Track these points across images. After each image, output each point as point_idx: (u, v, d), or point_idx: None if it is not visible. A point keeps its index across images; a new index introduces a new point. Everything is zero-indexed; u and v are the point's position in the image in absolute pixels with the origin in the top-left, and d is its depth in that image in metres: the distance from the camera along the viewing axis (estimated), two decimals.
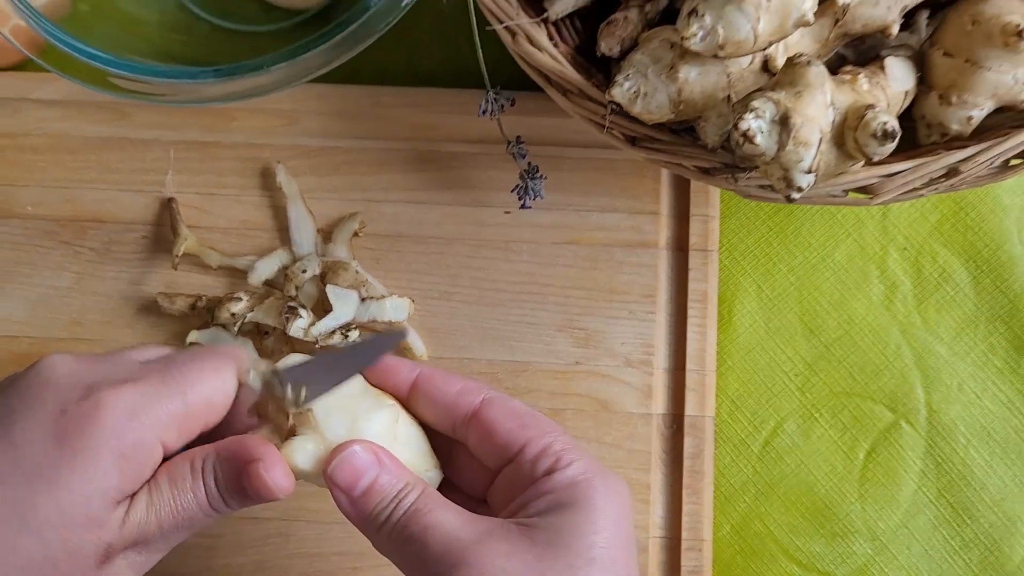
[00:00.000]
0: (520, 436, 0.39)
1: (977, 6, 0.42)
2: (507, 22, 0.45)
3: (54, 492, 0.35)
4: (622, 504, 0.38)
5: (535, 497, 0.38)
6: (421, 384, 0.41)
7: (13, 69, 0.58)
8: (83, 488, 0.35)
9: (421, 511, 0.37)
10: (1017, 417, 0.55)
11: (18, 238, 0.56)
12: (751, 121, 0.38)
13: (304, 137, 0.56)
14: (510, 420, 0.40)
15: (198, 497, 0.38)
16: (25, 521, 0.35)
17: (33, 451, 0.36)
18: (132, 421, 0.36)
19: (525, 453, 0.39)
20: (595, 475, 0.38)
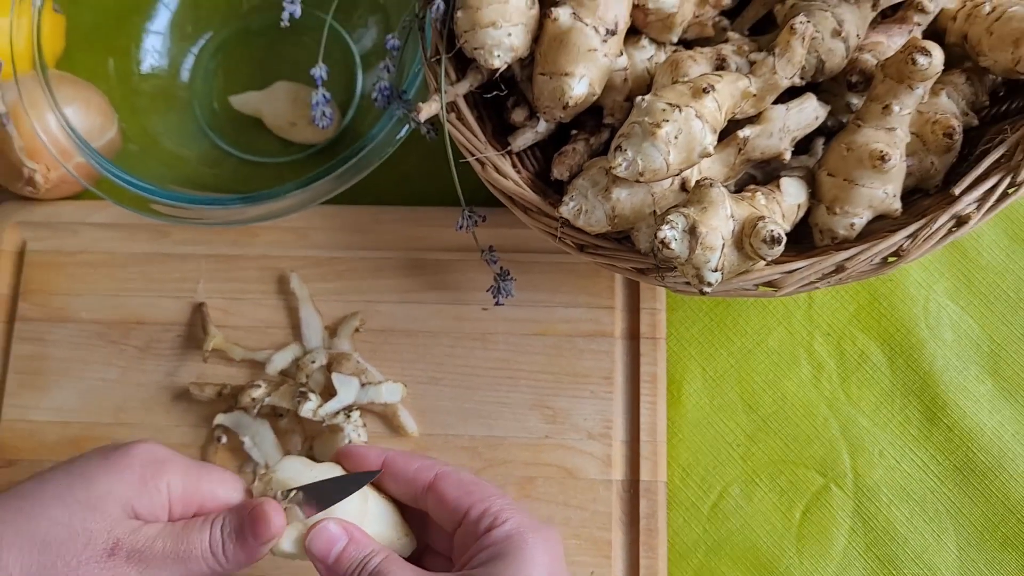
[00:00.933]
0: (465, 501, 0.46)
1: (851, 136, 0.52)
2: (477, 155, 0.55)
3: (88, 484, 0.45)
4: (553, 552, 0.45)
5: (478, 551, 0.45)
6: (387, 465, 0.49)
7: (74, 198, 0.68)
8: (108, 488, 0.45)
9: (383, 572, 0.44)
10: (932, 479, 0.62)
11: (74, 339, 0.65)
12: (667, 231, 0.47)
13: (314, 249, 0.66)
14: (457, 489, 0.47)
15: (202, 537, 0.45)
16: (62, 502, 0.44)
17: (82, 465, 0.46)
18: (154, 462, 0.46)
19: (469, 515, 0.46)
20: (527, 529, 0.45)
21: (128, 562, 0.45)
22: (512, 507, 0.46)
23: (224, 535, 0.46)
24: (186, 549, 0.45)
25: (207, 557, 0.45)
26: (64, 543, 0.44)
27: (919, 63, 0.48)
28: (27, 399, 0.64)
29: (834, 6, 0.52)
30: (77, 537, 0.44)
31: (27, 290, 0.66)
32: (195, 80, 0.70)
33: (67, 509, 0.45)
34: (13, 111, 0.62)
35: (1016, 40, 0.51)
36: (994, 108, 0.58)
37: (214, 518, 0.46)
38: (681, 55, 0.53)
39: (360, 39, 0.70)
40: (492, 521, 0.45)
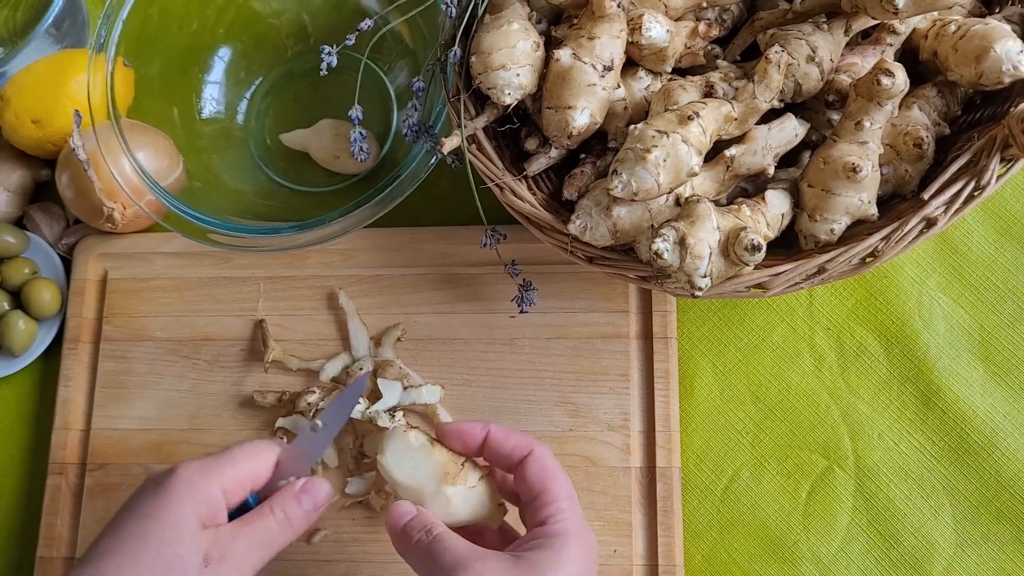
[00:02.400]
0: (539, 488, 0.54)
1: (828, 150, 0.57)
2: (496, 180, 0.62)
3: (160, 525, 0.51)
4: (588, 555, 0.52)
5: (530, 539, 0.52)
6: (489, 438, 0.56)
7: (147, 231, 0.76)
8: (175, 517, 0.51)
9: (443, 538, 0.52)
10: (928, 458, 0.67)
11: (151, 356, 0.73)
12: (659, 244, 0.53)
13: (358, 269, 0.73)
14: (541, 473, 0.54)
15: (270, 517, 0.54)
16: (145, 543, 0.51)
17: (142, 505, 0.52)
18: (198, 475, 0.53)
19: (538, 501, 0.53)
20: (575, 531, 0.52)
21: (221, 564, 0.52)
22: (572, 509, 0.53)
23: (287, 511, 0.54)
24: (260, 532, 0.53)
25: (278, 530, 0.54)
26: (159, 562, 0.50)
27: (883, 83, 0.54)
28: (113, 410, 0.72)
29: (808, 34, 0.58)
30: (174, 569, 0.51)
31: (110, 314, 0.74)
32: (249, 121, 0.78)
33: (157, 551, 0.51)
34: (92, 157, 0.70)
35: (978, 56, 0.56)
36: (971, 115, 0.63)
37: (272, 501, 0.54)
38: (673, 84, 0.59)
39: (395, 79, 0.77)
40: (550, 516, 0.53)
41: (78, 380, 0.73)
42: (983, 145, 0.56)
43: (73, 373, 0.73)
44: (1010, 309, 0.68)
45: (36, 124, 0.75)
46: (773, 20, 0.61)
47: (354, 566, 0.67)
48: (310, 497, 0.55)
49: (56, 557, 0.69)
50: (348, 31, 0.62)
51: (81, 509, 0.70)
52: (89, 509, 0.70)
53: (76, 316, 0.74)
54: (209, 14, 0.76)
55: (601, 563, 0.65)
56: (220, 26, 0.77)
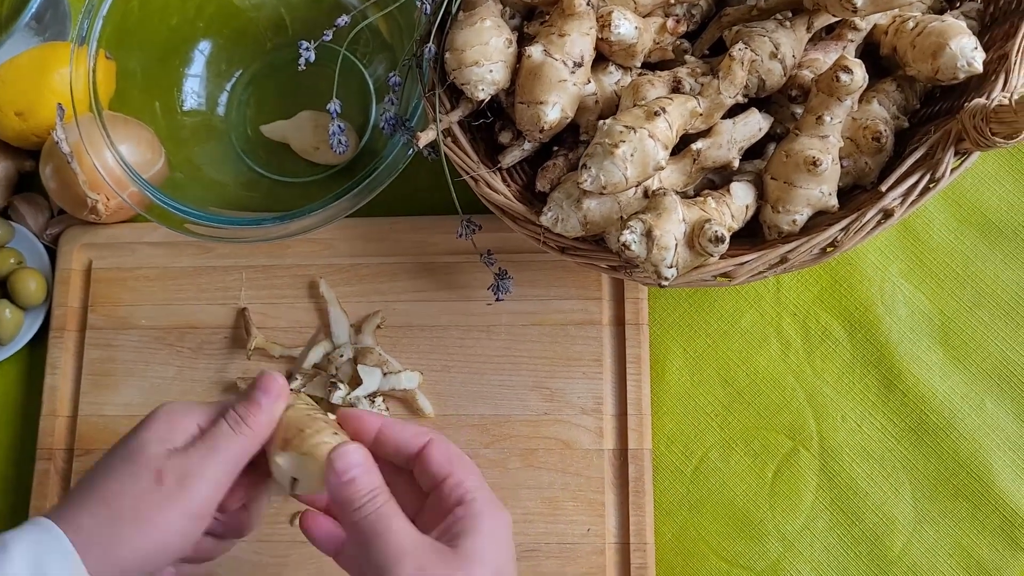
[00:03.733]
0: (446, 469, 0.52)
1: (790, 144, 0.59)
2: (471, 173, 0.63)
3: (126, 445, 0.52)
4: (507, 530, 0.52)
5: (448, 524, 0.50)
6: (381, 431, 0.55)
7: (130, 222, 0.77)
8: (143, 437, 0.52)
9: (388, 516, 0.49)
10: (889, 439, 0.69)
11: (136, 344, 0.75)
12: (627, 235, 0.55)
13: (338, 258, 0.74)
14: (443, 456, 0.53)
15: (221, 424, 0.52)
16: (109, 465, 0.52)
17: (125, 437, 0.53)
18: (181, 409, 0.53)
19: (446, 483, 0.52)
20: (492, 510, 0.51)
21: (176, 482, 0.50)
22: (483, 488, 0.52)
23: (237, 409, 0.53)
24: (213, 440, 0.52)
25: (228, 435, 0.52)
26: (120, 492, 0.51)
27: (843, 80, 0.56)
28: (99, 397, 0.74)
29: (772, 31, 0.60)
30: (126, 481, 0.51)
31: (95, 303, 0.76)
32: (230, 113, 0.80)
33: (113, 467, 0.52)
34: (75, 150, 0.71)
35: (934, 52, 0.58)
36: (929, 109, 0.65)
37: (223, 405, 0.53)
38: (641, 80, 0.61)
39: (374, 72, 0.78)
40: (464, 497, 0.51)
41: (64, 368, 0.75)
42: (938, 139, 0.58)
43: (59, 361, 0.75)
44: (968, 295, 0.71)
45: (20, 116, 0.76)
46: (739, 16, 0.63)
47: None
48: (260, 390, 0.53)
49: None
50: (327, 24, 0.64)
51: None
52: None
53: (62, 305, 0.76)
54: (189, 7, 0.77)
55: (575, 541, 0.67)
56: (200, 19, 0.78)
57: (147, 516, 0.51)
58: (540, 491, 0.68)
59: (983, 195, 0.72)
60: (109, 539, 0.51)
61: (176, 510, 0.51)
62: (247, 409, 0.53)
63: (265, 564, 0.69)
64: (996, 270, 0.71)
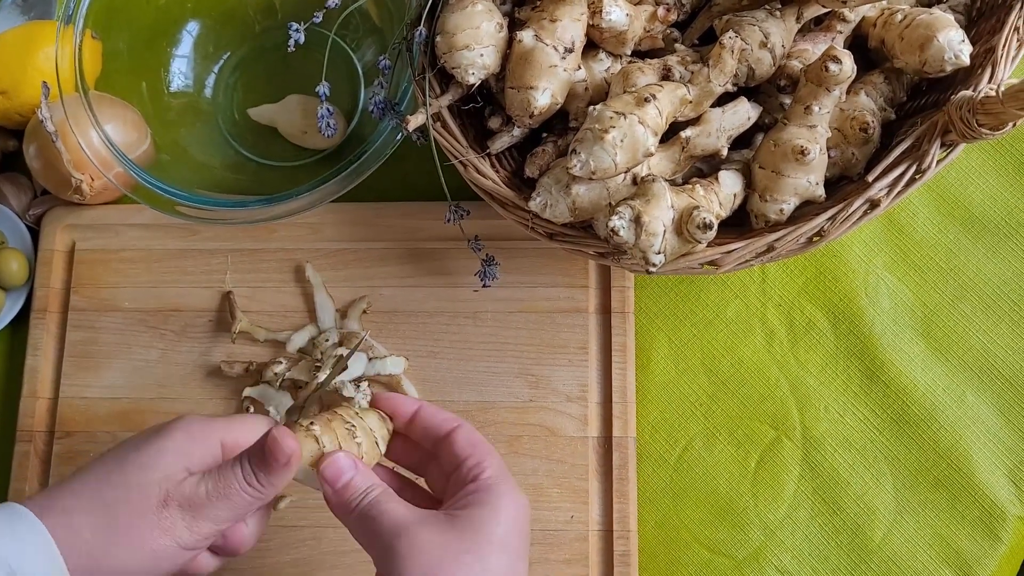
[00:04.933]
0: (467, 451, 0.54)
1: (778, 133, 0.60)
2: (460, 158, 0.63)
3: (142, 451, 0.52)
4: (521, 512, 0.52)
5: (463, 496, 0.52)
6: (420, 411, 0.57)
7: (115, 203, 0.77)
8: (159, 448, 0.52)
9: (380, 501, 0.51)
10: (871, 429, 0.70)
11: (119, 326, 0.74)
12: (615, 221, 0.55)
13: (325, 242, 0.74)
14: (466, 441, 0.55)
15: (235, 472, 0.52)
16: (120, 466, 0.51)
17: (136, 437, 0.53)
18: (205, 427, 0.54)
19: (466, 463, 0.54)
20: (507, 489, 0.52)
21: (180, 510, 0.50)
22: (502, 470, 0.54)
23: (252, 466, 0.52)
24: (225, 487, 0.51)
25: (245, 488, 0.51)
26: (123, 501, 0.50)
27: (831, 70, 0.56)
28: (81, 379, 0.73)
29: (761, 21, 0.60)
30: (132, 493, 0.50)
31: (77, 284, 0.75)
32: (217, 95, 0.79)
33: (124, 473, 0.51)
34: (61, 129, 0.70)
35: (922, 44, 0.59)
36: (916, 101, 0.66)
37: (241, 454, 0.53)
38: (631, 67, 0.61)
39: (363, 56, 0.78)
40: (479, 472, 0.53)
41: (46, 349, 0.74)
42: (925, 130, 0.58)
43: (41, 342, 0.74)
44: (951, 288, 0.71)
45: (3, 95, 0.75)
46: (729, 6, 0.63)
47: (319, 531, 0.69)
48: (274, 458, 0.52)
49: None
50: (316, 7, 0.64)
51: (49, 476, 0.72)
52: (57, 476, 0.71)
53: (44, 286, 0.75)
54: None
55: (558, 528, 0.68)
56: (189, 0, 0.77)
57: (143, 536, 0.50)
58: (524, 478, 0.68)
59: (967, 189, 0.73)
60: (98, 549, 0.50)
61: (174, 541, 0.51)
62: (261, 475, 0.52)
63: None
64: (978, 264, 0.71)
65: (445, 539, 0.50)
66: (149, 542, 0.50)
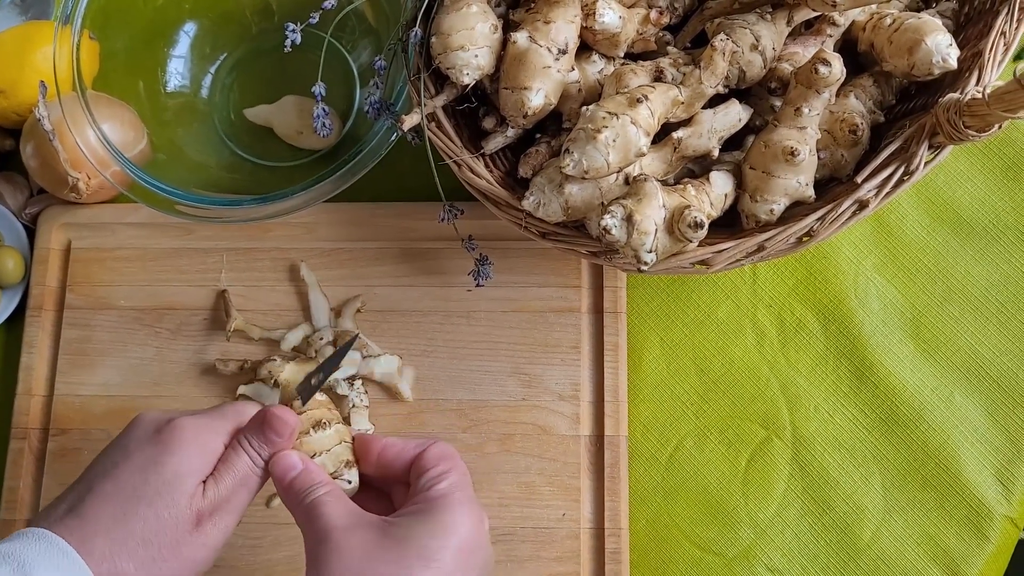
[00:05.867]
0: (433, 462, 0.53)
1: (769, 135, 0.60)
2: (454, 158, 0.64)
3: (159, 475, 0.52)
4: (468, 526, 0.50)
5: (410, 504, 0.51)
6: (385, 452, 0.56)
7: (111, 202, 0.77)
8: (178, 470, 0.52)
9: (321, 503, 0.52)
10: (861, 429, 0.70)
11: (114, 324, 0.74)
12: (608, 220, 0.56)
13: (320, 242, 0.75)
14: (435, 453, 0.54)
15: (242, 459, 0.53)
16: (141, 497, 0.51)
17: (141, 453, 0.53)
18: (204, 430, 0.54)
19: (428, 472, 0.52)
20: (460, 501, 0.51)
21: (211, 521, 0.52)
22: (462, 483, 0.53)
23: (256, 447, 0.54)
24: (241, 477, 0.53)
25: (255, 470, 0.54)
26: (160, 532, 0.51)
27: (821, 72, 0.57)
28: (76, 377, 0.74)
29: (753, 24, 0.61)
30: (167, 524, 0.51)
31: (73, 283, 0.76)
32: (214, 96, 0.80)
33: (151, 505, 0.51)
34: (58, 128, 0.71)
35: (910, 48, 0.60)
36: (905, 104, 0.67)
37: (239, 438, 0.54)
38: (624, 69, 0.62)
39: (358, 57, 0.79)
40: (435, 484, 0.52)
41: (41, 347, 0.74)
42: (913, 133, 0.59)
43: (36, 340, 0.74)
44: (939, 290, 0.72)
45: (1, 94, 0.76)
46: (721, 9, 0.64)
47: None
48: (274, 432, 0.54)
49: (18, 519, 0.71)
50: (312, 9, 0.64)
51: (43, 473, 0.72)
52: (51, 473, 0.72)
53: (39, 284, 0.76)
54: None
55: (550, 526, 0.68)
56: (186, 1, 0.78)
57: (184, 558, 0.52)
58: (516, 476, 0.69)
59: (955, 193, 0.74)
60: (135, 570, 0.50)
61: (211, 548, 0.53)
62: (264, 448, 0.54)
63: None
64: (967, 266, 0.72)
65: (369, 548, 0.49)
66: (190, 563, 0.52)
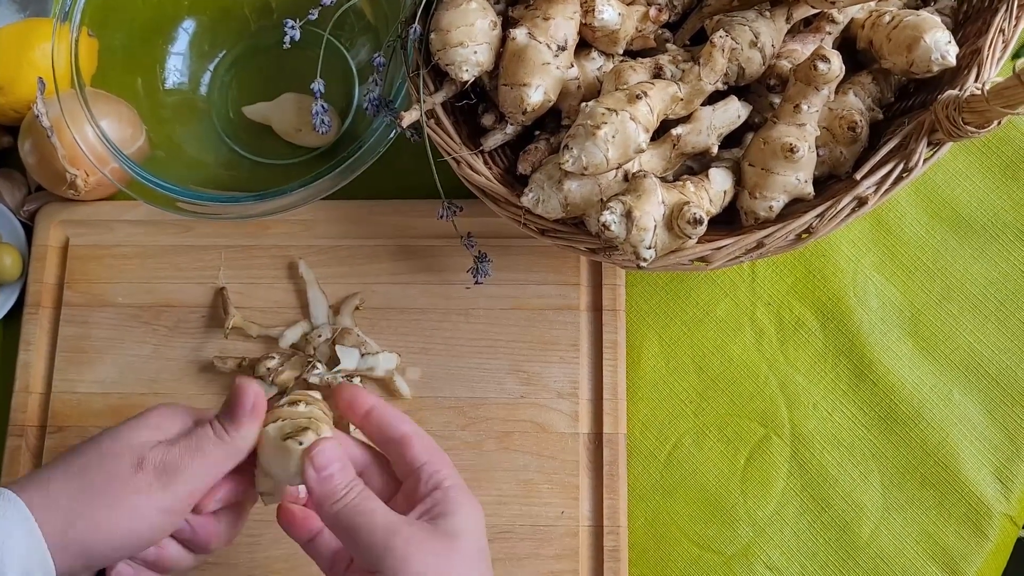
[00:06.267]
0: (424, 458, 0.54)
1: (768, 131, 0.60)
2: (453, 154, 0.64)
3: (115, 429, 0.53)
4: (479, 515, 0.54)
5: (432, 504, 0.52)
6: (373, 412, 0.57)
7: (110, 199, 0.77)
8: (133, 425, 0.53)
9: (369, 498, 0.51)
10: (860, 427, 0.70)
11: (112, 321, 0.74)
12: (607, 216, 0.56)
13: (318, 239, 0.75)
14: (421, 446, 0.55)
15: (206, 429, 0.53)
16: (96, 441, 0.53)
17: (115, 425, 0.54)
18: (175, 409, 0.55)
19: (423, 470, 0.54)
20: (467, 495, 0.54)
21: (155, 473, 0.51)
22: (457, 479, 0.54)
23: (221, 419, 0.54)
24: (197, 442, 0.53)
25: (216, 442, 0.53)
26: (96, 466, 0.51)
27: (820, 68, 0.57)
28: (73, 374, 0.73)
29: (752, 21, 0.61)
30: (106, 460, 0.51)
31: (71, 280, 0.75)
32: (212, 93, 0.80)
33: (98, 445, 0.52)
34: (56, 125, 0.71)
35: (909, 45, 0.60)
36: (904, 102, 0.67)
37: (211, 412, 0.55)
38: (623, 65, 0.62)
39: (356, 55, 0.79)
40: (440, 482, 0.53)
41: (39, 344, 0.74)
42: (912, 130, 0.59)
43: (33, 337, 0.74)
44: (938, 288, 0.72)
45: None
46: (720, 7, 0.64)
47: None
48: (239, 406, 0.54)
49: None
50: (311, 6, 0.64)
51: None
52: None
53: (37, 281, 0.75)
54: None
55: (549, 524, 0.68)
56: None
57: (120, 498, 0.51)
58: (515, 473, 0.69)
59: (954, 191, 0.74)
60: (75, 513, 0.50)
61: (152, 500, 0.51)
62: (229, 423, 0.54)
63: (237, 543, 0.68)
64: (965, 264, 0.72)
65: (435, 546, 0.50)
66: (128, 504, 0.51)
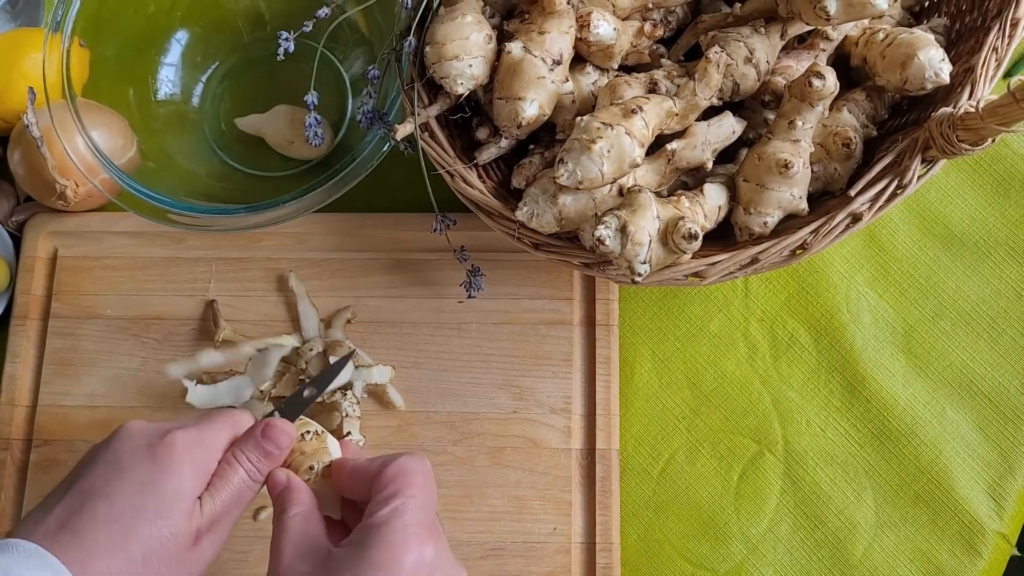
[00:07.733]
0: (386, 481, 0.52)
1: (762, 147, 0.60)
2: (447, 168, 0.64)
3: (157, 496, 0.51)
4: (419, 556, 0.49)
5: (355, 531, 0.51)
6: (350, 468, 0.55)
7: (99, 210, 0.76)
8: (176, 489, 0.51)
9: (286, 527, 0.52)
10: (853, 444, 0.70)
11: (101, 333, 0.74)
12: (602, 230, 0.56)
13: (310, 252, 0.74)
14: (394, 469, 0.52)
15: (239, 473, 0.53)
16: (140, 517, 0.50)
17: (137, 471, 0.51)
18: (198, 445, 0.53)
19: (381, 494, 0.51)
20: (403, 528, 0.49)
21: (208, 537, 0.52)
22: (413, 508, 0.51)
23: (253, 461, 0.54)
24: (237, 492, 0.53)
25: (251, 485, 0.54)
26: (160, 552, 0.50)
27: (815, 85, 0.57)
28: (60, 387, 0.73)
29: (747, 37, 0.61)
30: (167, 544, 0.50)
31: (59, 291, 0.75)
32: (204, 105, 0.79)
33: (151, 525, 0.50)
34: (46, 135, 0.70)
35: (903, 63, 0.60)
36: (898, 119, 0.67)
37: (234, 451, 0.54)
38: (618, 80, 0.62)
39: (350, 67, 0.79)
40: (378, 509, 0.51)
41: (25, 356, 0.73)
42: (906, 146, 0.59)
43: (20, 349, 0.73)
44: (931, 305, 0.72)
45: None
46: (715, 23, 0.64)
47: None
48: (273, 442, 0.55)
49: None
50: (305, 19, 0.64)
51: (25, 484, 0.71)
52: (33, 484, 0.71)
53: (25, 293, 0.75)
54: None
55: (541, 540, 0.67)
56: (178, 9, 0.77)
57: (184, 574, 0.52)
58: (507, 489, 0.68)
59: (946, 208, 0.74)
60: None
61: (206, 563, 0.53)
62: (262, 462, 0.55)
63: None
64: (958, 281, 0.72)
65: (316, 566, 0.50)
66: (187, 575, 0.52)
